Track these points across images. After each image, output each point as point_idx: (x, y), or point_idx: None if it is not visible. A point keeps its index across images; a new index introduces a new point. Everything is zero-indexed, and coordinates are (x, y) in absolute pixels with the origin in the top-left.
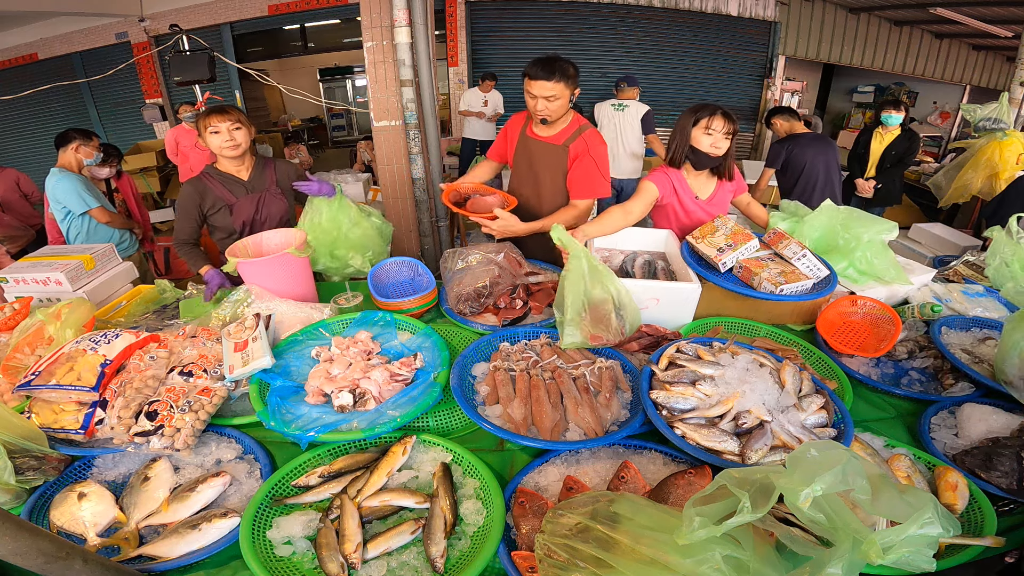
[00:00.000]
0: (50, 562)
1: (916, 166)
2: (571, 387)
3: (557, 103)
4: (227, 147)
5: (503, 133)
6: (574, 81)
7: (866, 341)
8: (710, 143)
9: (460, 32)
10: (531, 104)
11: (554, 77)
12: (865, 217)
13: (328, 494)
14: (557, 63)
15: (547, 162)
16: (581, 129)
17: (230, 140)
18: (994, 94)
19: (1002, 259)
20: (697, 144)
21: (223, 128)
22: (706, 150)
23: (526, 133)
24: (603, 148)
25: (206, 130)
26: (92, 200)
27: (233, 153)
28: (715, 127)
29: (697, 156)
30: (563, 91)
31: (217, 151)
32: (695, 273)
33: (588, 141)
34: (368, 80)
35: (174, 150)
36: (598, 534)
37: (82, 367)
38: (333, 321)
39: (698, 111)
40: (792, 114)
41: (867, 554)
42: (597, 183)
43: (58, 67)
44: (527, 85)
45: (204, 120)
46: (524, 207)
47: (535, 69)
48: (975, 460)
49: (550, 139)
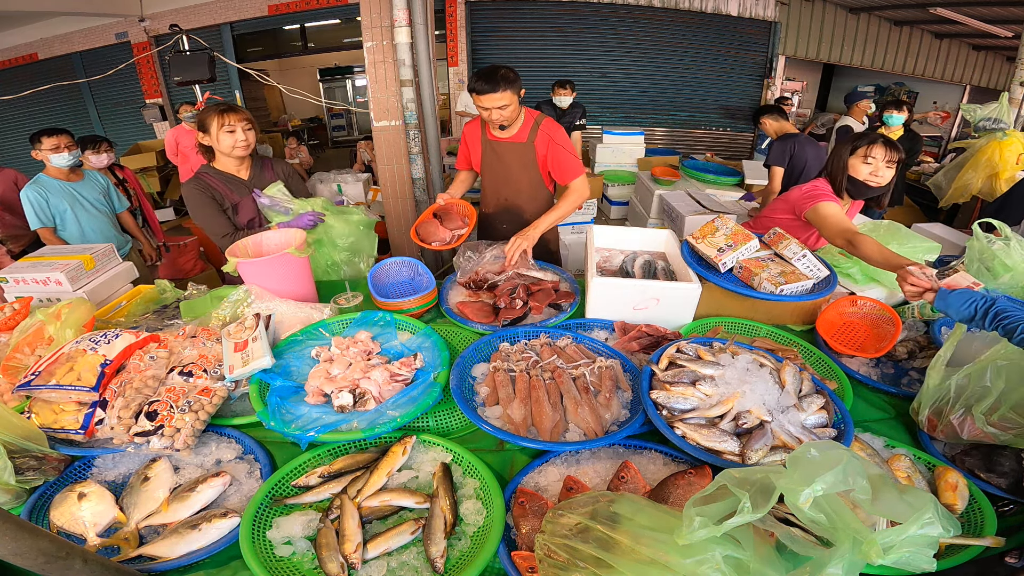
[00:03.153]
0: (50, 562)
1: (916, 166)
2: (571, 387)
3: (509, 109)
4: (240, 146)
5: (463, 143)
6: (517, 84)
7: (866, 341)
8: (869, 171)
9: (460, 32)
10: (486, 115)
11: (499, 87)
12: (908, 234)
13: (328, 494)
14: (497, 72)
15: (518, 161)
16: (537, 122)
17: (244, 140)
18: (994, 94)
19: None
20: (855, 173)
21: (239, 128)
22: (861, 177)
23: (488, 138)
24: (561, 131)
25: (220, 128)
26: (35, 220)
27: (243, 153)
28: (874, 154)
29: (858, 189)
30: (511, 97)
31: (227, 150)
32: (695, 273)
33: (548, 131)
34: (368, 80)
35: (174, 150)
36: (598, 534)
37: (82, 367)
38: (333, 321)
39: (854, 140)
40: (781, 113)
41: (867, 554)
42: (573, 163)
43: (58, 67)
44: (476, 100)
45: (220, 118)
46: (507, 206)
47: (480, 84)
48: (975, 460)
49: (513, 139)
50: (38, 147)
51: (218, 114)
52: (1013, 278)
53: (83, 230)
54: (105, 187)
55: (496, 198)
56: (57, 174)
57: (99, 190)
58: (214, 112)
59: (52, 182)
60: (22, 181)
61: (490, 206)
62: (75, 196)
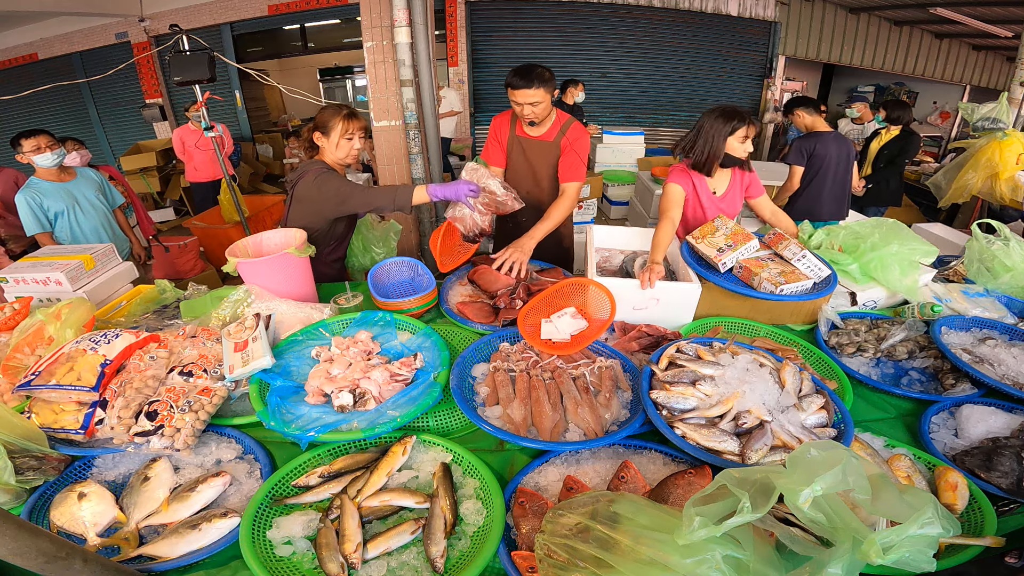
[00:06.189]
0: (50, 562)
1: (916, 166)
2: (571, 387)
3: (541, 106)
4: (353, 154)
5: (493, 137)
6: (551, 84)
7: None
8: (744, 149)
9: (460, 32)
10: (518, 110)
11: (533, 84)
12: (909, 235)
13: (328, 494)
14: (534, 71)
15: (543, 159)
16: (566, 125)
17: (358, 148)
18: (994, 94)
19: (980, 264)
20: (733, 151)
21: (356, 136)
22: (739, 155)
23: (516, 134)
24: (585, 138)
25: (343, 134)
26: (33, 225)
27: (352, 162)
28: (749, 134)
29: (726, 159)
30: (544, 95)
31: (343, 156)
32: (695, 273)
33: (572, 135)
34: (368, 80)
35: (181, 149)
36: (598, 534)
37: (82, 367)
38: (333, 321)
39: (732, 120)
40: (816, 108)
41: (867, 554)
42: (579, 168)
43: (58, 67)
44: (511, 95)
45: (345, 124)
46: (529, 200)
47: (515, 79)
48: (975, 460)
49: (541, 137)
50: (19, 150)
51: (344, 119)
52: (1013, 278)
53: (83, 230)
54: (100, 183)
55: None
56: (48, 175)
57: (94, 187)
58: (339, 116)
59: (46, 184)
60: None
61: None
62: (72, 196)
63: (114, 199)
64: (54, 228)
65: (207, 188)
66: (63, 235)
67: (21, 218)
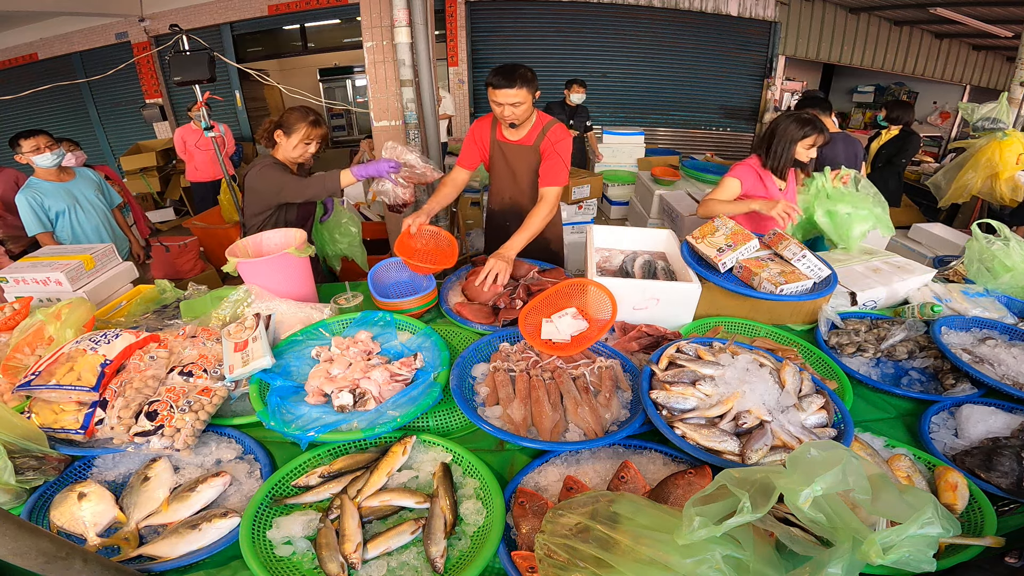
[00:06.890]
0: (50, 562)
1: (916, 166)
2: (571, 387)
3: (522, 108)
4: (305, 159)
5: (471, 139)
6: (534, 84)
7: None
8: (808, 155)
9: (460, 32)
10: (498, 111)
11: (515, 84)
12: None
13: (328, 494)
14: (517, 70)
15: (523, 164)
16: (546, 127)
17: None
18: (994, 94)
19: (980, 264)
20: (799, 156)
21: (314, 143)
22: (803, 160)
23: (497, 139)
24: (567, 140)
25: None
26: (34, 225)
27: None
28: (817, 143)
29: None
30: (526, 96)
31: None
32: (695, 273)
33: (553, 137)
34: (368, 80)
35: (182, 148)
36: (598, 534)
37: (82, 367)
38: (333, 321)
39: (804, 127)
40: (827, 108)
41: (867, 554)
42: (560, 172)
43: (58, 67)
44: (491, 94)
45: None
46: (512, 206)
47: (497, 79)
48: (975, 460)
49: (520, 142)
50: (18, 151)
51: (308, 125)
52: (1013, 278)
53: (83, 229)
54: (98, 183)
55: (502, 197)
56: (48, 175)
57: (93, 187)
58: (305, 122)
59: (46, 184)
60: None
61: (496, 204)
62: (72, 195)
63: (112, 199)
64: (55, 228)
65: (207, 188)
66: (64, 235)
67: (22, 218)
